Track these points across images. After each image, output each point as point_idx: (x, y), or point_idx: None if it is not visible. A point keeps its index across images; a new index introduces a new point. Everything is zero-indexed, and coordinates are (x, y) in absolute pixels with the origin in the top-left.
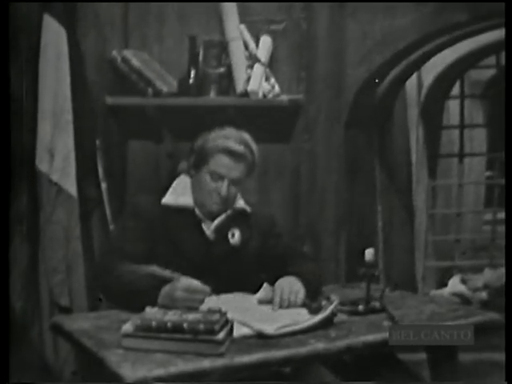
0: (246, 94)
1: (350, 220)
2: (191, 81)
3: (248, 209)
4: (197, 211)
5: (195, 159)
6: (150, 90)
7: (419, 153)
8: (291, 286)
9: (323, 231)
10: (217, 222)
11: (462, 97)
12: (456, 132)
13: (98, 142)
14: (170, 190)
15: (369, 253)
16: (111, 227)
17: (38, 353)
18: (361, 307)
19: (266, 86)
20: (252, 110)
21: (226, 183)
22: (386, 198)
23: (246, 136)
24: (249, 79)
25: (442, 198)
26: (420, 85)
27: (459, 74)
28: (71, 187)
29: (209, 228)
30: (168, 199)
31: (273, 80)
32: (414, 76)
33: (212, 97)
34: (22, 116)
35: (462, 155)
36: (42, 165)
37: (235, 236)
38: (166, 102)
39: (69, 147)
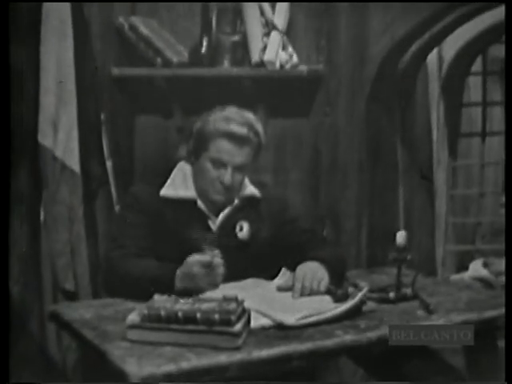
0: (261, 64)
1: (372, 201)
2: (203, 50)
3: (257, 194)
4: (199, 203)
5: (194, 144)
6: (159, 60)
7: (440, 131)
8: (314, 271)
9: (344, 213)
10: (222, 215)
11: (484, 73)
12: (475, 110)
13: (102, 116)
14: (169, 179)
15: (400, 236)
16: (116, 209)
17: (38, 342)
18: (391, 294)
19: (283, 56)
20: (268, 81)
21: (229, 171)
22: (408, 178)
23: (250, 116)
24: (265, 48)
25: (462, 179)
26: (441, 60)
27: (481, 50)
28: (74, 164)
29: (214, 222)
30: (167, 191)
31: (291, 49)
32: (435, 51)
33: (226, 67)
34: (23, 87)
35: (484, 134)
36: (45, 139)
37: (244, 229)
38: (176, 73)
39: (72, 121)
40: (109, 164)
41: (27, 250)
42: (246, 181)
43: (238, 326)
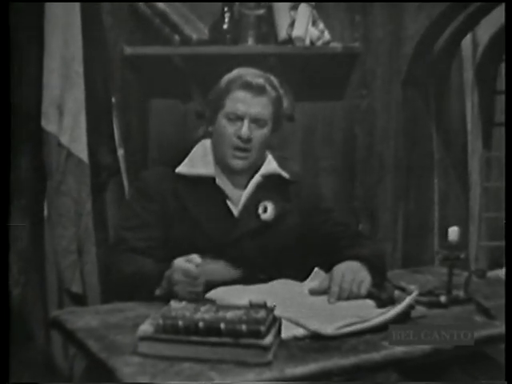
0: (289, 40)
1: (407, 193)
2: (225, 26)
3: (284, 174)
4: (218, 181)
5: (211, 109)
6: (176, 38)
7: (474, 120)
8: (354, 272)
9: (380, 205)
10: (244, 194)
11: None
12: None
13: (113, 100)
14: (188, 157)
15: (453, 232)
16: None
17: (42, 349)
18: (443, 298)
19: (313, 32)
20: (297, 59)
21: (246, 123)
22: (443, 168)
23: (270, 76)
24: (293, 23)
25: (496, 171)
26: (475, 45)
27: None
28: (82, 152)
29: (234, 202)
30: (183, 168)
31: (321, 25)
32: (469, 36)
33: (250, 44)
34: (24, 66)
35: None
36: (49, 125)
37: (268, 210)
38: (195, 52)
39: (79, 105)
40: (120, 152)
41: (29, 247)
42: (270, 157)
43: (268, 338)
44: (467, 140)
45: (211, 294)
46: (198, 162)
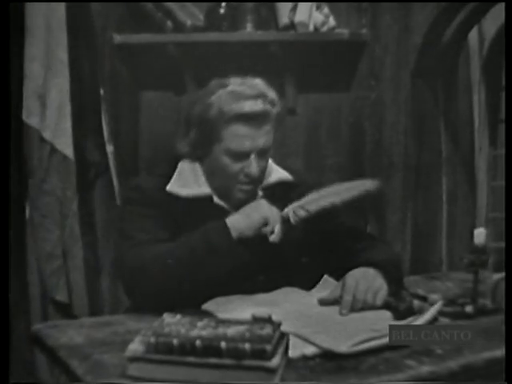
0: (291, 26)
1: (416, 192)
2: (222, 11)
3: (288, 177)
4: (216, 200)
5: (200, 136)
6: (169, 24)
7: (481, 116)
8: (369, 280)
9: (389, 205)
10: None
11: None
12: None
13: (102, 92)
14: (175, 174)
15: (479, 234)
16: (118, 202)
17: (26, 365)
18: (468, 308)
19: (317, 17)
20: (300, 47)
21: (253, 159)
22: (451, 166)
23: (258, 83)
24: (295, 7)
25: (503, 170)
26: (482, 39)
27: None
28: (67, 148)
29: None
30: (174, 188)
31: (326, 9)
32: (476, 29)
33: (248, 31)
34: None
35: None
36: (30, 118)
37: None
38: (190, 39)
39: (63, 96)
40: (109, 148)
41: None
42: (271, 165)
43: (275, 359)
44: (474, 137)
45: (208, 305)
46: (189, 182)
